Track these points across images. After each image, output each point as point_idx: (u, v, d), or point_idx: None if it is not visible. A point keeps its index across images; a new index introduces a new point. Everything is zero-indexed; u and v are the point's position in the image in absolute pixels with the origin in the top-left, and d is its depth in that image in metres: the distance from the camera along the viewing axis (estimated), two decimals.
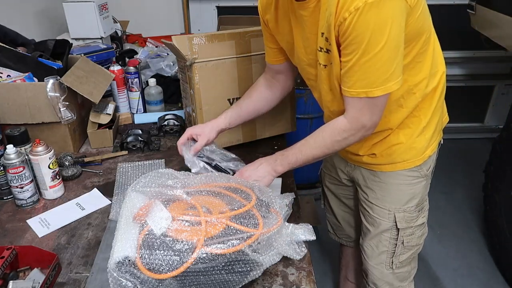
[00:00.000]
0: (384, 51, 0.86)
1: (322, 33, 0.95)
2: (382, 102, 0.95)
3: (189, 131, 1.21)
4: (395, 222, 1.21)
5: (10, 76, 1.40)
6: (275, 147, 1.51)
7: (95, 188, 1.28)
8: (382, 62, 0.88)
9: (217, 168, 1.18)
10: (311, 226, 1.02)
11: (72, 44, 1.69)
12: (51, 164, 1.20)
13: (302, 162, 1.05)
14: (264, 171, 1.08)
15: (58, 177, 1.24)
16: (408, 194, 1.20)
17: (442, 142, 1.24)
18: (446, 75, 1.14)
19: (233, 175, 1.13)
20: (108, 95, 1.72)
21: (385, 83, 0.90)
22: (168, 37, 1.35)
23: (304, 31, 1.03)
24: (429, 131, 1.14)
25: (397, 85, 0.92)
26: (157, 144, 1.52)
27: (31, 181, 1.19)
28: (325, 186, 1.49)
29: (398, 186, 1.19)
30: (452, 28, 2.83)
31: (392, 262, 1.27)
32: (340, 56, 0.94)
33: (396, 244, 1.24)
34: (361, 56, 0.87)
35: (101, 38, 2.08)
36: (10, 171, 1.14)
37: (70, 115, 1.40)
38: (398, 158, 1.14)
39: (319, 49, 0.99)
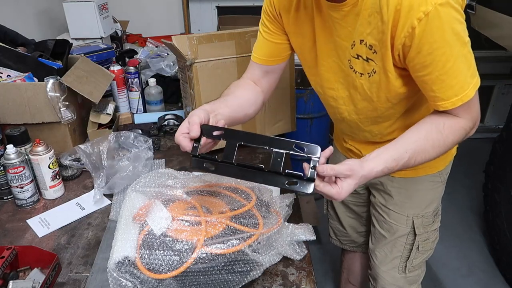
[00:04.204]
0: (462, 49, 0.80)
1: (362, 40, 0.88)
2: (477, 94, 0.86)
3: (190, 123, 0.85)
4: (413, 228, 1.19)
5: (10, 76, 1.40)
6: None
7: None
8: (464, 61, 0.82)
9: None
10: (311, 226, 1.02)
11: (72, 44, 1.69)
12: (51, 164, 1.20)
13: (405, 168, 0.89)
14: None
15: (58, 177, 1.24)
16: (427, 200, 1.18)
17: (458, 146, 1.21)
18: None
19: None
20: (108, 95, 1.71)
21: (472, 79, 0.83)
22: (168, 37, 1.35)
23: (331, 34, 0.94)
24: None
25: (479, 78, 0.85)
26: (157, 144, 1.52)
27: (31, 181, 1.19)
28: None
29: (419, 192, 1.16)
30: None
31: (405, 266, 1.25)
32: (394, 64, 0.86)
33: (411, 249, 1.22)
34: (445, 63, 0.80)
35: (101, 38, 2.08)
36: (10, 171, 1.14)
37: (70, 115, 1.40)
38: None
39: (356, 57, 0.91)
